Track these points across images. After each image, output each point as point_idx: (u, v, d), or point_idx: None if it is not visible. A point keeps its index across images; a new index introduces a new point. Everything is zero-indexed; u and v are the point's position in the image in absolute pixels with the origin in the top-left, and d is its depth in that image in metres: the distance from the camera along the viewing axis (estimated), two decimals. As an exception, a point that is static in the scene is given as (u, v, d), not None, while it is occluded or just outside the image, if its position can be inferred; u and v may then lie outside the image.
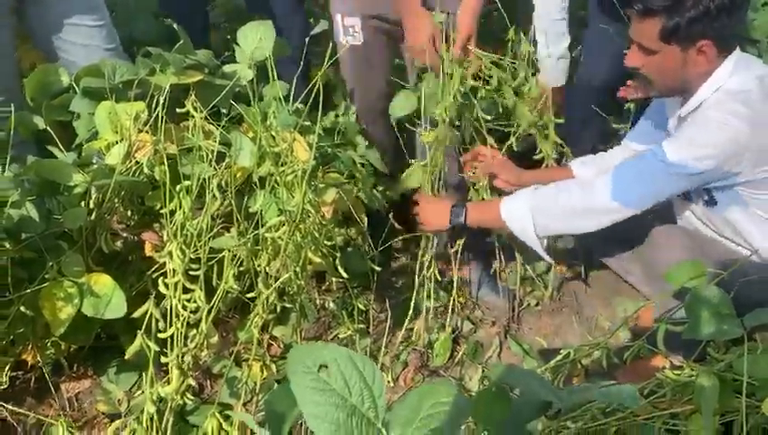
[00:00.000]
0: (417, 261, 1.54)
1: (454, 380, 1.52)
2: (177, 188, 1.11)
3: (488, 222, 1.43)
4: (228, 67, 1.49)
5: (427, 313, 1.58)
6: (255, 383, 1.29)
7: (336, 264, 1.30)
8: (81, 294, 1.12)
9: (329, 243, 1.29)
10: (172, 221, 1.08)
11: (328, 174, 1.43)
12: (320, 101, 1.13)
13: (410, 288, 1.55)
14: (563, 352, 1.09)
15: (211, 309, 1.06)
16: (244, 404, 1.30)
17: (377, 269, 1.46)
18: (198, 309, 1.06)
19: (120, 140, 1.23)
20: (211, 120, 1.27)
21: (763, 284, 1.22)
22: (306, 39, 1.85)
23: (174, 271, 1.05)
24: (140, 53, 1.42)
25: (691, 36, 1.21)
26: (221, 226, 1.15)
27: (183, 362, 1.07)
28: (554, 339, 1.67)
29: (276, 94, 1.36)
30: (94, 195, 1.21)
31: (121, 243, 1.29)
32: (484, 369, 1.54)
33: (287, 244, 1.17)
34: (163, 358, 1.05)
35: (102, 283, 1.14)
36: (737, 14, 1.24)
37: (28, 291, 1.10)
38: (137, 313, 1.03)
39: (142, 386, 1.05)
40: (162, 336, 1.03)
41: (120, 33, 1.66)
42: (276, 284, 1.15)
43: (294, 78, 1.40)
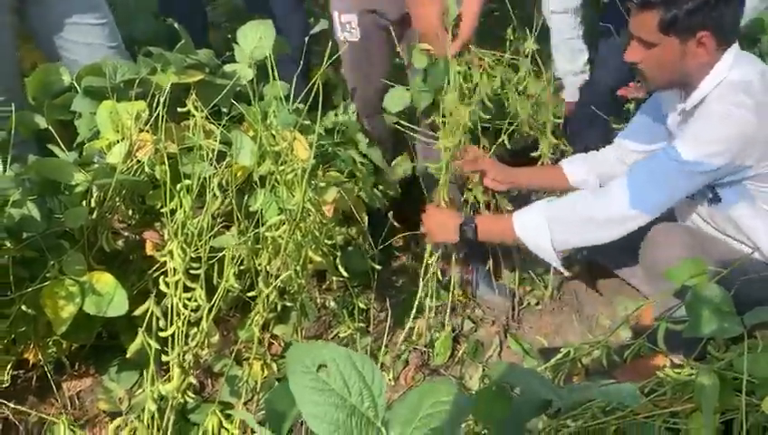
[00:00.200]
0: (417, 260, 1.54)
1: (454, 379, 1.52)
2: (178, 187, 1.11)
3: (499, 236, 1.42)
4: (229, 67, 1.49)
5: (429, 311, 1.58)
6: (256, 382, 1.29)
7: (336, 263, 1.30)
8: (82, 292, 1.12)
9: (329, 242, 1.29)
10: (173, 220, 1.08)
11: (328, 173, 1.43)
12: (319, 101, 1.13)
13: (411, 287, 1.55)
14: (564, 351, 1.09)
15: (212, 308, 1.07)
16: (245, 403, 1.30)
17: (377, 268, 1.47)
18: (199, 308, 1.06)
19: (122, 140, 1.24)
20: (212, 120, 1.27)
21: (764, 282, 1.22)
22: (306, 38, 1.85)
23: (175, 270, 1.05)
24: (141, 53, 1.42)
25: (690, 27, 1.21)
26: (222, 224, 1.15)
27: (184, 360, 1.07)
28: (555, 338, 1.67)
29: (277, 94, 1.36)
30: (95, 194, 1.22)
31: (122, 242, 1.30)
32: (484, 368, 1.54)
33: (287, 243, 1.17)
34: (164, 357, 1.05)
35: (104, 281, 1.14)
36: (735, 5, 1.24)
37: (30, 290, 1.11)
38: (138, 311, 1.04)
39: (143, 384, 1.05)
40: (163, 335, 1.03)
41: (121, 33, 1.66)
42: (277, 282, 1.15)
43: (294, 77, 1.40)
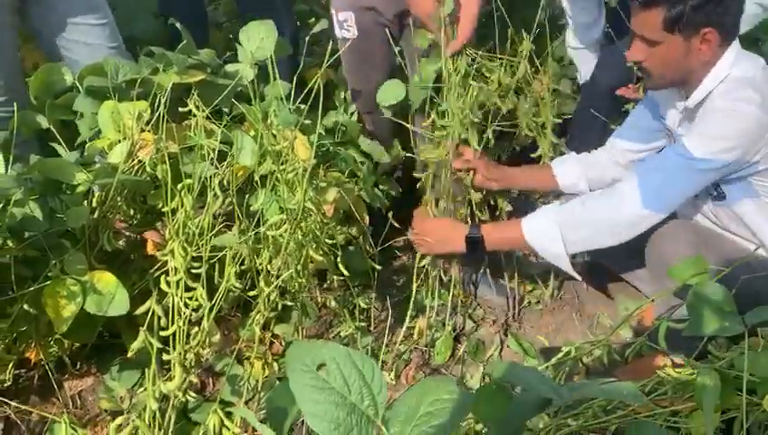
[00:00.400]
0: (416, 261, 1.54)
1: (455, 377, 1.52)
2: (179, 187, 1.11)
3: (508, 244, 1.42)
4: (230, 67, 1.50)
5: (431, 311, 1.58)
6: (257, 381, 1.29)
7: (337, 262, 1.30)
8: (83, 291, 1.12)
9: (330, 241, 1.29)
10: (174, 220, 1.08)
11: (329, 172, 1.43)
12: (320, 100, 1.13)
13: (411, 287, 1.55)
14: (564, 350, 1.09)
15: (213, 307, 1.07)
16: (246, 402, 1.30)
17: (378, 268, 1.47)
18: (200, 307, 1.07)
19: (123, 139, 1.24)
20: (213, 119, 1.27)
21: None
22: (297, 39, 1.85)
23: (176, 269, 1.05)
24: (143, 53, 1.42)
25: (694, 24, 1.21)
26: (222, 224, 1.15)
27: (185, 359, 1.07)
28: (555, 337, 1.67)
29: (277, 94, 1.36)
30: (97, 193, 1.22)
31: (124, 241, 1.30)
32: (485, 367, 1.54)
33: (288, 242, 1.17)
34: (165, 356, 1.05)
35: (105, 281, 1.14)
36: (738, 1, 1.24)
37: (31, 289, 1.11)
38: (139, 310, 1.04)
39: (144, 384, 1.05)
40: (164, 334, 1.03)
41: (121, 33, 1.66)
42: (278, 282, 1.15)
43: (286, 77, 1.40)
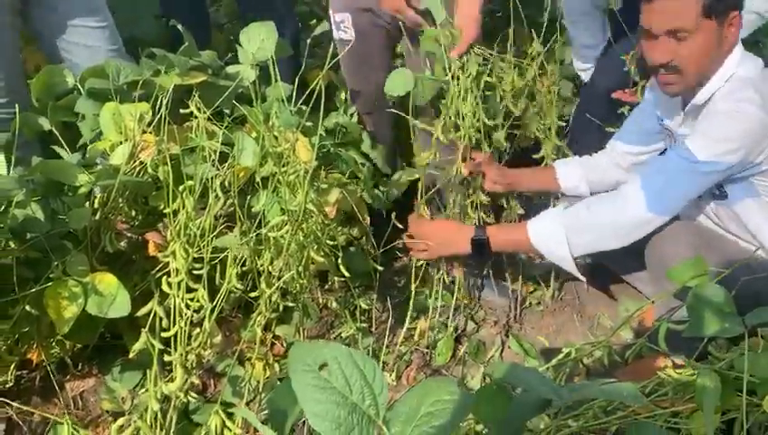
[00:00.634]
0: (414, 262, 1.54)
1: (455, 378, 1.52)
2: (181, 189, 1.12)
3: (514, 246, 1.43)
4: (231, 68, 1.50)
5: (434, 311, 1.58)
6: (258, 382, 1.29)
7: (338, 263, 1.31)
8: (85, 293, 1.12)
9: (331, 242, 1.30)
10: (175, 221, 1.09)
11: (330, 174, 1.43)
12: (321, 102, 1.13)
13: (412, 287, 1.55)
14: (565, 351, 1.09)
15: (214, 308, 1.07)
16: (248, 403, 1.30)
17: (379, 269, 1.47)
18: (202, 308, 1.07)
19: (125, 141, 1.24)
20: (214, 121, 1.28)
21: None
22: (298, 41, 1.85)
23: (177, 270, 1.05)
24: (144, 54, 1.43)
25: (728, 6, 1.21)
26: (224, 225, 1.16)
27: (187, 360, 1.07)
28: (556, 338, 1.67)
29: (279, 95, 1.36)
30: (99, 195, 1.22)
31: (125, 243, 1.30)
32: (485, 368, 1.54)
33: (290, 243, 1.17)
34: (167, 357, 1.06)
35: (107, 282, 1.14)
36: None
37: (33, 290, 1.11)
38: (140, 312, 1.04)
39: (146, 385, 1.06)
40: (166, 335, 1.04)
41: (122, 34, 1.67)
42: (279, 283, 1.15)
43: (287, 79, 1.40)
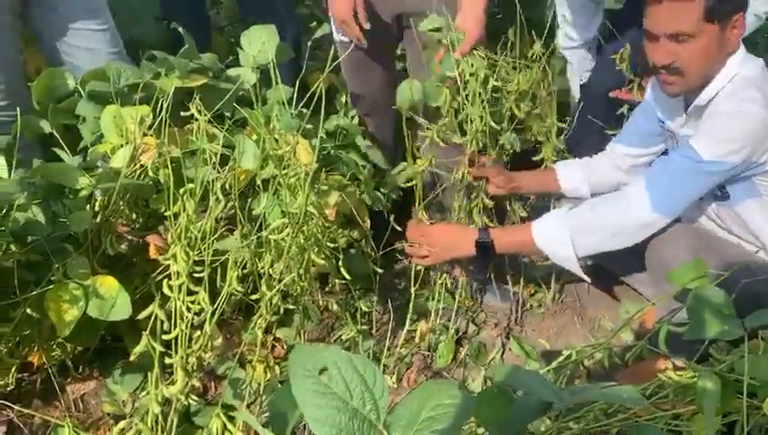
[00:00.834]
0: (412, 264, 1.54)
1: (456, 381, 1.52)
2: (182, 191, 1.12)
3: (518, 247, 1.43)
4: (232, 71, 1.50)
5: (436, 314, 1.58)
6: (259, 385, 1.29)
7: (339, 265, 1.31)
8: (86, 296, 1.12)
9: (332, 245, 1.30)
10: (176, 224, 1.09)
11: (331, 176, 1.43)
12: (322, 104, 1.13)
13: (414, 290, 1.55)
14: (566, 354, 1.09)
15: (215, 311, 1.07)
16: (248, 405, 1.30)
17: (379, 271, 1.47)
18: (202, 311, 1.07)
19: (125, 144, 1.24)
20: (215, 124, 1.28)
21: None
22: (299, 43, 1.85)
23: (178, 273, 1.05)
24: (145, 57, 1.43)
25: (729, 9, 1.21)
26: (224, 228, 1.16)
27: (187, 363, 1.07)
28: (557, 340, 1.67)
29: (279, 98, 1.37)
30: (99, 198, 1.22)
31: (126, 245, 1.30)
32: (486, 370, 1.54)
33: (290, 246, 1.17)
34: (167, 359, 1.06)
35: (108, 285, 1.14)
36: None
37: (34, 293, 1.11)
38: (141, 314, 1.04)
39: (147, 387, 1.06)
40: (167, 338, 1.04)
41: (123, 37, 1.67)
42: (280, 286, 1.15)
43: (289, 81, 1.40)
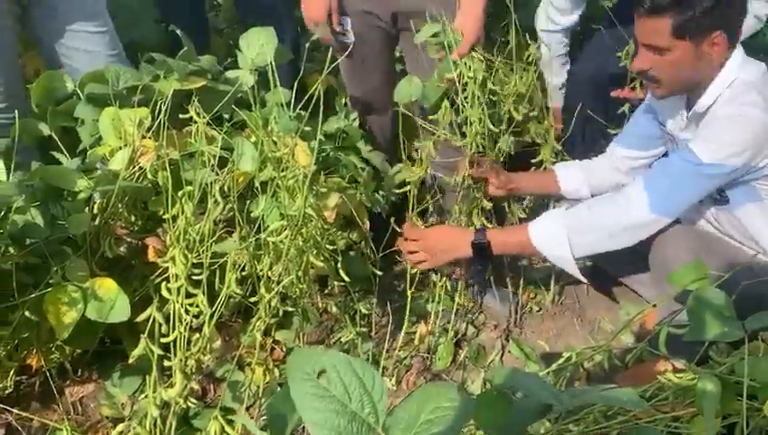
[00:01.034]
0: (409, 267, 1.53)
1: (455, 383, 1.52)
2: (180, 194, 1.12)
3: (515, 248, 1.42)
4: (231, 73, 1.50)
5: (436, 317, 1.58)
6: (258, 387, 1.29)
7: (338, 268, 1.30)
8: (85, 298, 1.12)
9: (331, 247, 1.30)
10: (175, 226, 1.09)
11: (330, 178, 1.43)
12: (320, 107, 1.13)
13: (412, 292, 1.55)
14: (565, 356, 1.09)
15: (214, 313, 1.07)
16: (247, 408, 1.30)
17: (379, 273, 1.47)
18: (201, 313, 1.07)
19: (124, 146, 1.24)
20: (213, 126, 1.28)
21: (769, 284, 1.22)
22: (297, 45, 1.85)
23: (177, 276, 1.05)
24: (144, 59, 1.43)
25: (704, 28, 1.21)
26: (223, 230, 1.16)
27: (186, 366, 1.07)
28: (556, 342, 1.67)
29: (278, 100, 1.37)
30: (98, 200, 1.22)
31: (125, 248, 1.30)
32: (486, 372, 1.54)
33: (289, 248, 1.17)
34: (166, 362, 1.06)
35: (106, 287, 1.14)
36: (744, 2, 1.25)
37: (33, 296, 1.11)
38: (140, 317, 1.04)
39: (145, 390, 1.05)
40: (165, 341, 1.04)
41: (122, 39, 1.67)
42: (279, 288, 1.15)
43: (286, 84, 1.40)
